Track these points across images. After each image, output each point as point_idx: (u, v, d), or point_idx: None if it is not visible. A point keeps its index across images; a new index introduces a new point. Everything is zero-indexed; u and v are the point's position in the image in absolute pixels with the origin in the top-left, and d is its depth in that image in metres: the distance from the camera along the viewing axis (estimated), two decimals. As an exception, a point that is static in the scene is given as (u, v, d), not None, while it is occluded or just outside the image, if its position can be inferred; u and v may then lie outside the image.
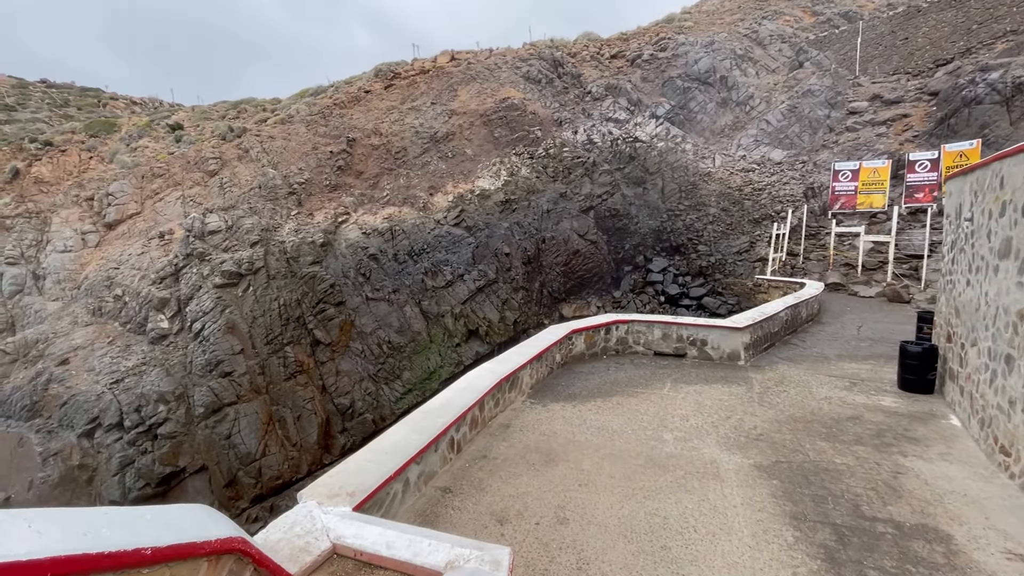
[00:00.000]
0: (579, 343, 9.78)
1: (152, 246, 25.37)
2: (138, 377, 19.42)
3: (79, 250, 26.41)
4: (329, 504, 3.45)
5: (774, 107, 29.12)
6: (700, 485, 4.89)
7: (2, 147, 36.32)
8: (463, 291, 21.49)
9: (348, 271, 22.11)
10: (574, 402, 7.34)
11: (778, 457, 5.52)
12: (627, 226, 23.99)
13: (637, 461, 5.41)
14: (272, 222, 23.83)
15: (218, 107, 41.06)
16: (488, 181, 25.74)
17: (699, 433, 6.18)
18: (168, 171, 30.07)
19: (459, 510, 4.45)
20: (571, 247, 22.67)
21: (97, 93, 60.88)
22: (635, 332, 10.27)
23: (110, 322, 21.83)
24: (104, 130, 37.69)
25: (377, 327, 21.09)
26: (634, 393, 7.74)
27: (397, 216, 24.59)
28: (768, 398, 7.52)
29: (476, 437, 6.02)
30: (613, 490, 4.78)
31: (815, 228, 22.28)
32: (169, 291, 21.58)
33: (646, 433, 6.18)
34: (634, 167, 26.00)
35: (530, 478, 5.02)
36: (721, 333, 9.68)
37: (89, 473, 18.16)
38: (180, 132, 35.57)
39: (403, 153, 28.45)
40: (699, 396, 7.60)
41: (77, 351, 20.56)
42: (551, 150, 26.78)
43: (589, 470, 5.19)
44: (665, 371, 8.97)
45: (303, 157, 28.54)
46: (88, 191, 29.40)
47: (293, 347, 20.60)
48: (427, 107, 31.21)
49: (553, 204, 23.85)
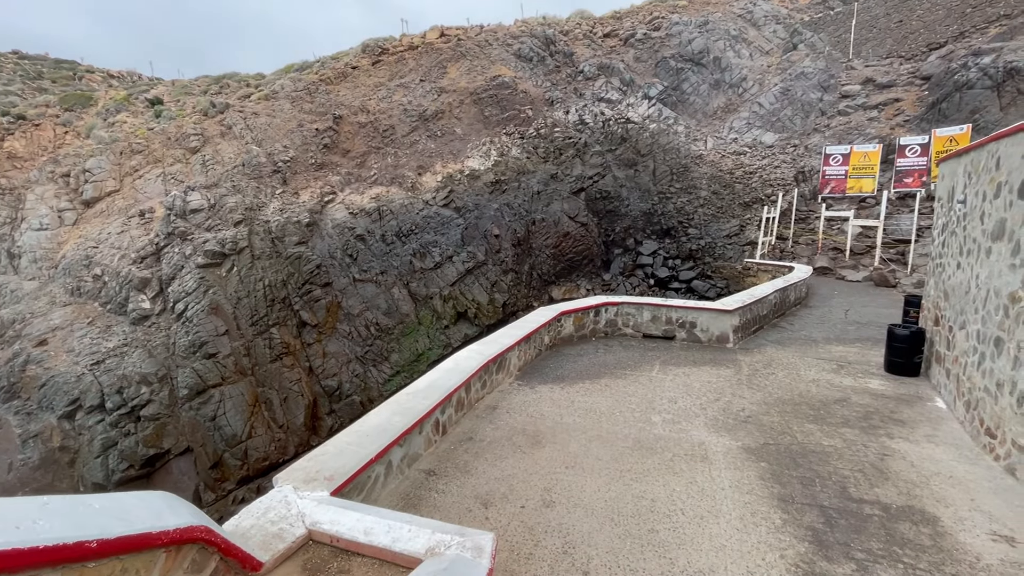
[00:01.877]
0: (568, 325, 9.68)
1: (132, 224, 24.70)
2: (119, 358, 19.04)
3: (56, 228, 25.64)
4: (306, 489, 3.32)
5: (767, 89, 28.87)
6: (688, 467, 4.84)
7: (-28, 120, 34.88)
8: (452, 273, 21.26)
9: (335, 252, 21.75)
10: (562, 384, 7.26)
11: (766, 439, 5.49)
12: (618, 208, 23.81)
13: (625, 443, 5.35)
14: (256, 201, 23.28)
15: (199, 82, 39.76)
16: (478, 161, 25.32)
17: (687, 415, 6.14)
18: (148, 147, 29.16)
19: (443, 493, 4.35)
20: (561, 229, 22.48)
21: (72, 66, 58.54)
22: (624, 314, 10.19)
23: (89, 302, 21.32)
24: (80, 104, 36.32)
25: (364, 308, 20.85)
26: (623, 375, 7.67)
27: (385, 196, 24.15)
28: (756, 380, 7.50)
29: (462, 419, 5.91)
30: (600, 472, 4.71)
31: (805, 212, 22.30)
32: (150, 271, 21.08)
33: (634, 415, 6.12)
34: (626, 149, 25.71)
35: (516, 460, 4.94)
36: (710, 316, 9.64)
37: (71, 455, 17.89)
38: (160, 107, 34.42)
39: (391, 131, 27.84)
40: (688, 378, 7.56)
41: (55, 331, 20.08)
42: (542, 130, 26.36)
43: (576, 452, 5.12)
44: (654, 353, 8.92)
45: (288, 134, 27.81)
46: (64, 167, 28.44)
47: (279, 328, 20.32)
48: (416, 84, 30.48)
49: (544, 185, 23.56)
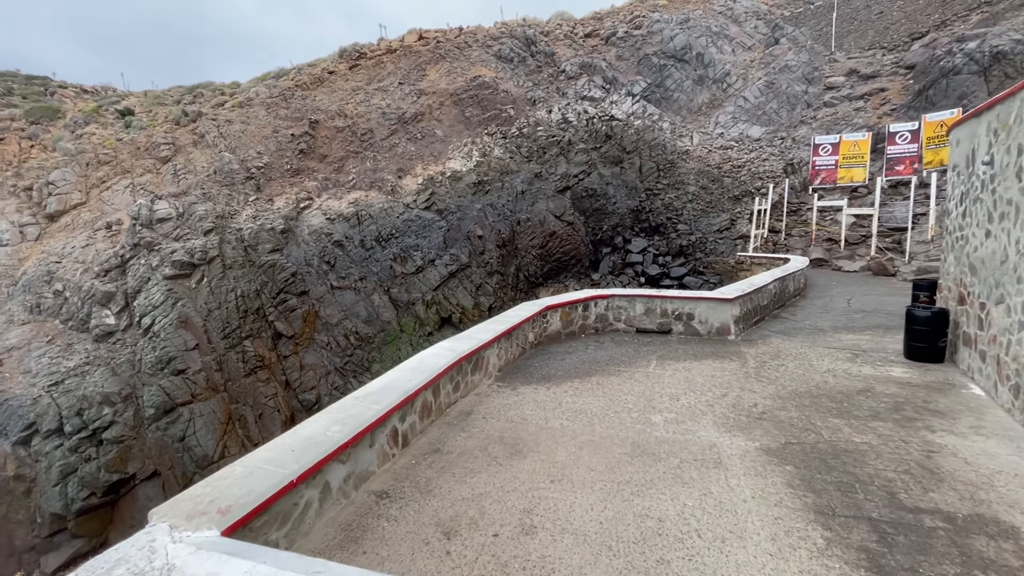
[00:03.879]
0: (554, 321, 8.83)
1: (98, 238, 23.50)
2: (80, 378, 17.81)
3: (16, 244, 24.33)
4: (187, 527, 2.40)
5: (751, 84, 28.53)
6: (700, 476, 3.97)
7: (-68, 136, 33.44)
8: (434, 277, 20.35)
9: (311, 259, 20.74)
10: (548, 384, 6.38)
11: (787, 438, 4.65)
12: (605, 206, 23.12)
13: (622, 449, 4.48)
14: (228, 208, 22.24)
15: (172, 92, 38.68)
16: (459, 162, 24.54)
17: (693, 414, 5.29)
18: (116, 158, 28.01)
19: (396, 520, 3.44)
20: (547, 229, 21.71)
21: (44, 81, 56.91)
22: (616, 308, 9.37)
23: (49, 320, 20.06)
24: (47, 116, 34.99)
25: (343, 317, 19.83)
26: (616, 372, 6.82)
27: (364, 200, 23.24)
28: (766, 373, 6.69)
29: (429, 427, 5.01)
30: (594, 486, 3.83)
31: (796, 204, 21.76)
32: (114, 284, 19.91)
33: (631, 416, 5.26)
34: (611, 146, 25.10)
35: (491, 475, 4.04)
36: (709, 306, 8.85)
37: (27, 484, 16.57)
38: (130, 118, 33.28)
39: (369, 135, 27.00)
40: (689, 373, 6.73)
41: (11, 352, 18.78)
42: (525, 129, 25.69)
43: (564, 462, 4.24)
44: (649, 348, 8.09)
45: (263, 141, 26.85)
46: (27, 180, 27.18)
47: (253, 341, 19.21)
48: (394, 87, 29.73)
49: (528, 185, 22.81)
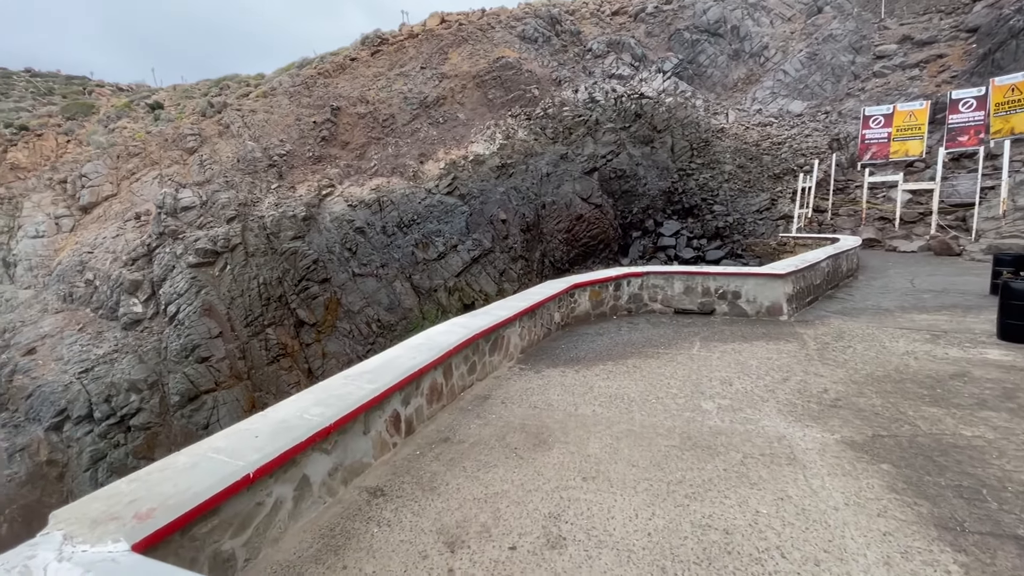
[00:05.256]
0: (583, 301, 8.03)
1: (128, 228, 23.79)
2: (109, 365, 17.97)
3: (52, 235, 24.89)
4: (87, 539, 1.76)
5: (791, 56, 26.73)
6: (771, 474, 3.16)
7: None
8: (457, 263, 19.73)
9: (333, 246, 20.41)
10: (577, 367, 5.62)
11: (875, 430, 3.77)
12: (635, 188, 22.01)
13: (669, 440, 3.69)
14: (251, 196, 22.12)
15: (200, 85, 39.10)
16: (482, 146, 23.79)
17: (751, 400, 4.45)
18: (145, 150, 28.36)
19: (389, 526, 2.76)
20: (574, 212, 20.78)
21: (83, 81, 58.79)
22: (651, 287, 8.50)
23: (81, 308, 20.37)
24: (82, 113, 35.88)
25: (365, 305, 19.44)
26: (655, 354, 6.00)
27: (385, 187, 22.76)
28: (831, 355, 5.75)
29: (439, 413, 4.32)
30: (637, 486, 3.07)
31: (843, 182, 20.18)
32: (142, 273, 20.03)
33: (676, 402, 4.45)
34: (640, 125, 23.89)
35: (509, 470, 3.32)
36: (758, 283, 7.89)
37: (59, 469, 16.83)
38: (160, 111, 33.75)
39: (391, 121, 26.50)
40: (739, 355, 5.85)
41: (45, 340, 19.13)
42: (550, 110, 24.71)
43: (598, 455, 3.48)
44: (691, 329, 7.22)
45: (285, 129, 26.69)
46: (62, 174, 27.80)
47: (275, 328, 19.04)
48: (416, 72, 29.12)
49: (553, 167, 21.89)
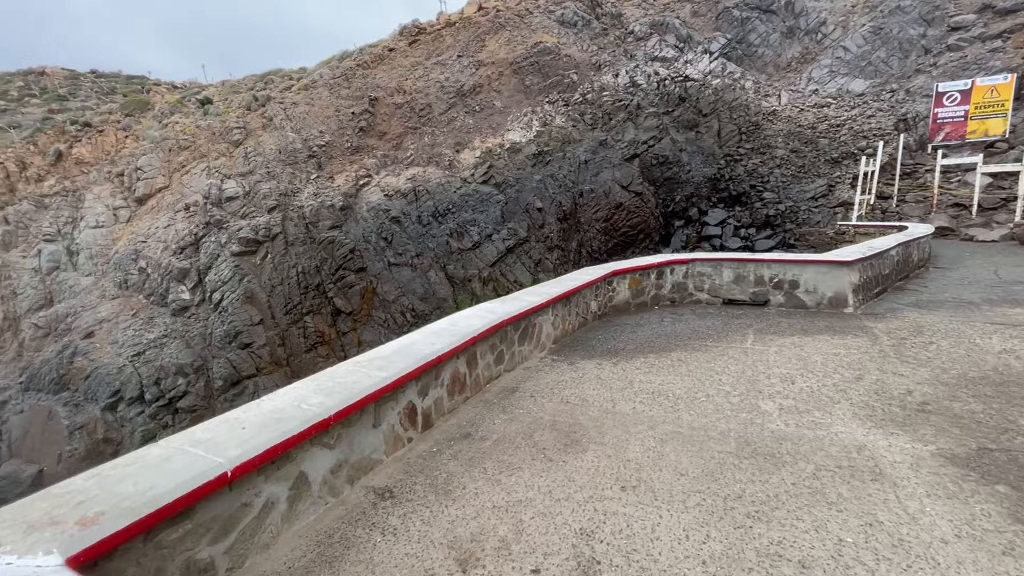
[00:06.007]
0: (622, 289, 7.49)
1: (178, 218, 24.70)
2: (159, 349, 18.70)
3: (111, 225, 26.17)
4: (15, 549, 1.45)
5: (853, 32, 24.76)
6: (853, 492, 2.60)
7: (48, 131, 37.08)
8: (491, 252, 19.39)
9: (369, 235, 20.48)
10: (615, 359, 5.12)
11: (980, 441, 3.12)
12: (678, 175, 20.98)
13: (723, 446, 3.17)
14: (291, 187, 22.49)
15: (246, 80, 40.32)
16: (519, 133, 23.28)
17: (818, 401, 3.84)
18: (194, 143, 29.39)
19: (394, 535, 2.40)
20: (613, 200, 20.01)
21: (142, 80, 62.09)
22: (697, 276, 7.85)
23: (135, 295, 21.30)
24: (139, 109, 37.73)
25: (400, 294, 19.42)
26: (702, 347, 5.42)
27: (421, 176, 22.65)
28: (910, 352, 5.01)
29: (462, 406, 3.94)
30: (687, 499, 2.58)
31: (911, 165, 18.49)
32: (189, 261, 20.73)
33: (730, 401, 3.90)
34: (685, 109, 22.75)
35: (536, 474, 2.90)
36: (819, 271, 7.12)
37: (114, 447, 17.66)
38: (208, 106, 34.98)
39: (428, 110, 26.36)
40: (800, 350, 5.20)
41: (102, 324, 20.13)
42: (589, 95, 23.89)
43: (639, 460, 3.01)
44: (742, 321, 6.56)
45: (325, 121, 27.01)
46: (119, 167, 29.19)
47: (313, 317, 19.30)
48: (453, 60, 28.84)
49: (592, 154, 21.14)
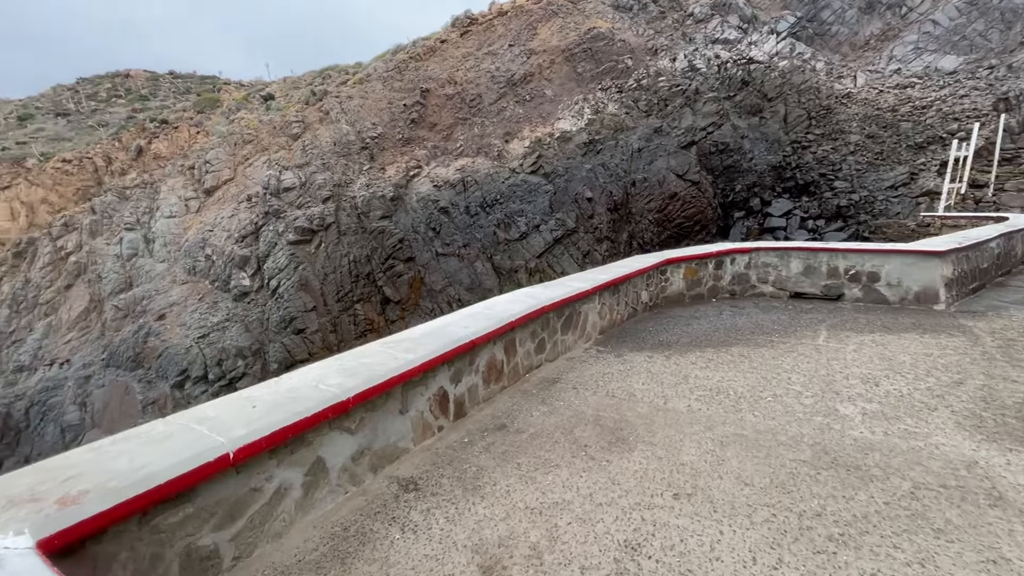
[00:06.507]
0: (676, 279, 6.98)
1: (241, 209, 25.95)
2: (221, 332, 19.72)
3: (182, 215, 27.86)
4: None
5: (944, 3, 22.38)
6: (965, 519, 2.12)
7: (130, 128, 40.10)
8: (538, 243, 19.06)
9: (418, 225, 20.66)
10: (667, 352, 4.70)
11: None
12: (738, 163, 19.77)
13: (795, 453, 2.73)
14: (344, 178, 23.05)
15: (306, 76, 41.84)
16: (569, 122, 22.72)
17: (911, 407, 3.29)
18: (257, 137, 30.76)
19: (415, 532, 2.16)
20: (667, 190, 19.13)
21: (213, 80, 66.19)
22: (761, 266, 7.19)
23: (201, 280, 22.57)
24: (209, 107, 40.06)
25: (447, 284, 19.49)
26: (767, 342, 4.88)
27: (470, 167, 22.59)
28: (1022, 356, 4.28)
29: (498, 395, 3.67)
30: (752, 515, 2.19)
31: (1012, 150, 16.46)
32: (249, 249, 21.71)
33: (802, 402, 3.42)
34: (747, 93, 21.39)
35: (575, 473, 2.59)
36: (905, 262, 6.31)
37: (181, 423, 18.79)
38: (271, 102, 36.58)
39: (478, 101, 26.25)
40: (884, 349, 4.56)
41: (173, 307, 21.48)
42: (644, 81, 22.95)
43: (695, 465, 2.63)
44: (812, 316, 5.92)
45: (378, 113, 27.50)
46: (191, 161, 31.03)
47: (363, 304, 19.73)
48: (504, 50, 28.55)
49: (646, 142, 20.30)
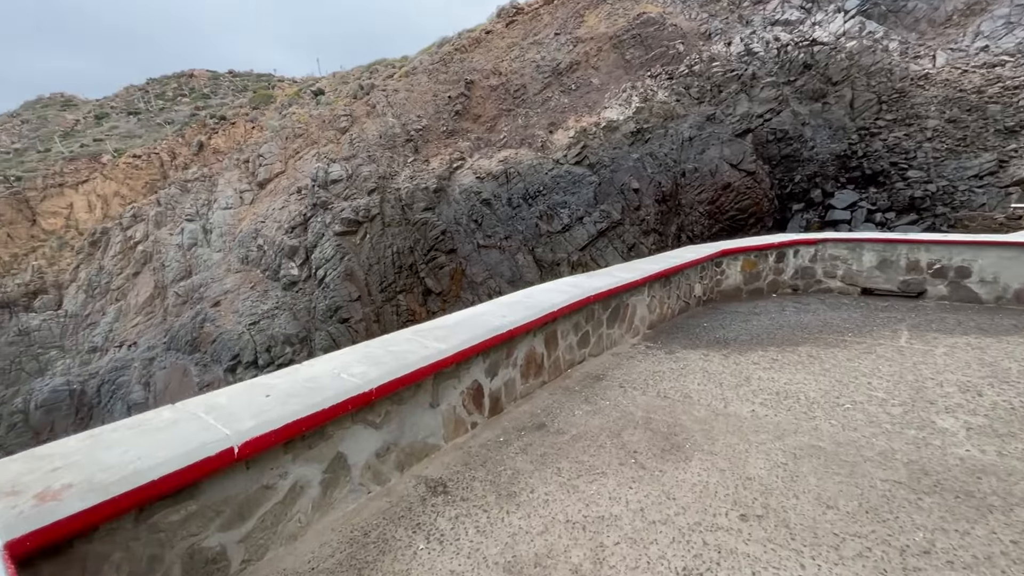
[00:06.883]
0: (732, 272, 6.46)
1: (291, 201, 26.80)
2: (271, 320, 20.43)
3: (237, 207, 29.07)
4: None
5: (1042, -28, 20.04)
6: None
7: (193, 125, 42.26)
8: (582, 236, 18.57)
9: (460, 217, 20.61)
10: (725, 350, 4.27)
11: None
12: (798, 152, 18.51)
13: (887, 472, 2.31)
14: (389, 170, 23.31)
15: (354, 71, 42.67)
16: (616, 111, 22.01)
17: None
18: (307, 131, 31.64)
19: (440, 543, 1.92)
20: (720, 180, 18.17)
21: (268, 77, 68.88)
22: (828, 259, 6.56)
23: (253, 269, 23.47)
24: (263, 103, 41.63)
25: (488, 276, 19.35)
26: (840, 342, 4.36)
27: (513, 158, 22.31)
28: None
29: (538, 391, 3.40)
30: (839, 545, 1.82)
31: (1123, 134, 14.58)
32: (298, 240, 22.35)
33: (888, 411, 2.95)
34: (810, 77, 19.98)
35: (623, 483, 2.28)
36: (1003, 255, 5.56)
37: (233, 405, 19.63)
38: (321, 96, 37.56)
39: (522, 91, 25.89)
40: (983, 354, 3.96)
41: (227, 294, 22.45)
42: (696, 67, 21.88)
43: (765, 480, 2.26)
44: (889, 314, 5.29)
45: (423, 105, 27.65)
46: (245, 155, 32.33)
47: (405, 295, 19.91)
48: (550, 39, 28.02)
49: (697, 130, 19.36)
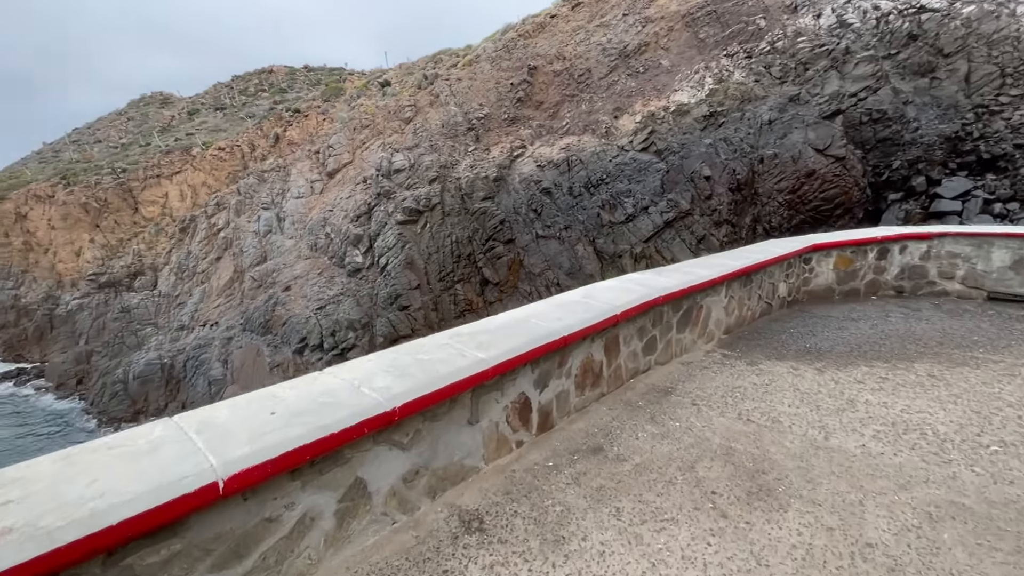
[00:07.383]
0: (823, 270, 5.65)
1: (357, 190, 27.63)
2: (336, 305, 21.17)
3: (308, 196, 30.43)
4: None
5: None
6: None
7: (270, 118, 44.70)
8: (646, 226, 17.63)
9: (519, 207, 20.27)
10: (819, 363, 3.62)
11: None
12: (898, 134, 16.45)
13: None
14: (450, 159, 23.35)
15: (419, 62, 43.25)
16: (687, 94, 20.66)
17: None
18: (373, 122, 32.45)
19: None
20: (803, 167, 16.54)
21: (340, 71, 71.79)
22: (945, 256, 5.57)
23: (321, 256, 24.45)
24: (334, 95, 43.25)
25: (546, 267, 18.92)
26: (968, 360, 3.57)
27: (575, 145, 21.61)
28: None
29: (594, 404, 2.97)
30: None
31: None
32: (363, 228, 22.97)
33: (1056, 459, 2.26)
34: (915, 50, 17.67)
35: (699, 536, 1.82)
36: None
37: (301, 385, 20.58)
38: (387, 88, 38.41)
39: (587, 76, 24.99)
40: None
41: (297, 280, 23.54)
42: (779, 43, 20.03)
43: (891, 548, 1.71)
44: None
45: (485, 94, 27.46)
46: (316, 146, 33.71)
47: (463, 285, 19.92)
48: (617, 20, 26.82)
49: (779, 112, 17.73)
